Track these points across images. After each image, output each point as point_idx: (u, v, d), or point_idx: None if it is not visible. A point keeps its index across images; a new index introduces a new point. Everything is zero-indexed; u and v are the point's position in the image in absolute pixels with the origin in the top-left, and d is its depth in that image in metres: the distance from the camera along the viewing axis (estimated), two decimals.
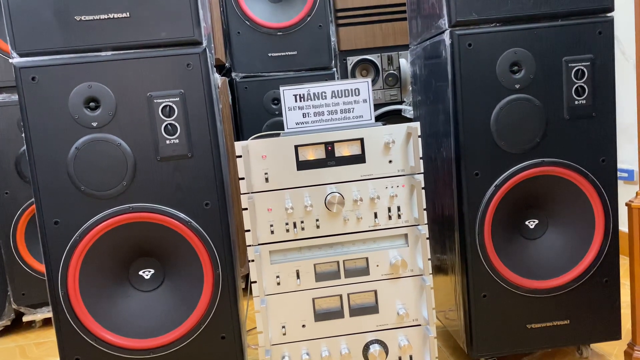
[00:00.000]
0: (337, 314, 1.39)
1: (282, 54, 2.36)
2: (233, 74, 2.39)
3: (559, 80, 1.45)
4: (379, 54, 2.58)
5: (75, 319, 1.33)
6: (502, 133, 1.45)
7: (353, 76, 2.58)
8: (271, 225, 1.36)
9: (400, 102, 2.62)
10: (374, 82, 2.59)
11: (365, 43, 2.57)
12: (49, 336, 2.21)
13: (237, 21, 2.34)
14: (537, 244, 1.54)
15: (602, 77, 1.46)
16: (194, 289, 1.37)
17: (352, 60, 2.57)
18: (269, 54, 2.36)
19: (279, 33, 2.35)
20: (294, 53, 2.36)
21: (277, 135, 1.41)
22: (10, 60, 1.29)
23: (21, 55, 1.28)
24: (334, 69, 2.41)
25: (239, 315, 1.41)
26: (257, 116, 2.39)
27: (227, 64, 2.41)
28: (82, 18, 1.28)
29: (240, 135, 2.42)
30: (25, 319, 2.26)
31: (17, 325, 2.33)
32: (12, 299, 2.22)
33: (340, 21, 2.54)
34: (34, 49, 1.28)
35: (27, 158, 1.30)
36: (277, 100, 2.38)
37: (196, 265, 1.35)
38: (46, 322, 2.33)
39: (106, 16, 1.29)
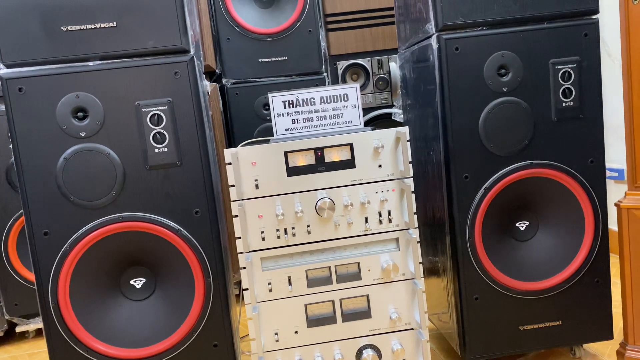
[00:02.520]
0: (329, 319, 1.39)
1: (272, 59, 2.36)
2: (223, 80, 2.38)
3: (546, 82, 1.46)
4: (369, 58, 2.58)
5: (66, 329, 1.32)
6: (490, 136, 1.45)
7: (344, 80, 2.59)
8: (262, 232, 1.36)
9: (392, 106, 2.62)
10: (364, 86, 2.60)
11: (355, 47, 2.57)
12: (43, 347, 2.19)
13: (226, 27, 2.34)
14: (528, 246, 1.54)
15: (589, 78, 1.47)
16: (185, 298, 1.36)
17: (342, 65, 2.58)
18: (259, 60, 2.36)
19: (268, 39, 2.35)
20: (284, 58, 2.36)
21: (267, 141, 1.41)
22: None
23: (8, 66, 1.28)
24: (325, 74, 2.41)
25: (231, 322, 1.41)
26: (248, 122, 2.38)
27: (217, 70, 2.41)
28: (69, 28, 1.28)
29: (231, 142, 2.41)
30: (18, 329, 2.25)
31: (11, 336, 2.31)
32: (4, 310, 2.21)
33: (330, 26, 2.55)
34: (21, 59, 1.28)
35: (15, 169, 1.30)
36: (268, 105, 2.38)
37: (187, 274, 1.35)
38: (39, 333, 2.31)
39: (93, 26, 1.29)
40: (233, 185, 1.34)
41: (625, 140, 1.50)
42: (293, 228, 1.37)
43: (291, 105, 1.44)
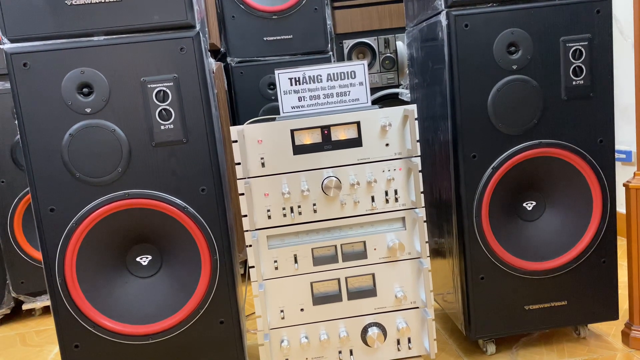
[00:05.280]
0: (335, 297, 1.40)
1: (278, 38, 2.33)
2: (228, 59, 2.36)
3: (557, 60, 1.44)
4: (376, 37, 2.55)
5: (73, 306, 1.33)
6: (499, 115, 1.44)
7: (350, 60, 2.56)
8: (268, 210, 1.36)
9: (398, 86, 2.60)
10: (370, 65, 2.57)
11: (361, 26, 2.54)
12: (49, 324, 2.21)
13: (231, 5, 2.31)
14: (534, 226, 1.54)
15: (600, 57, 1.45)
16: (192, 275, 1.36)
17: (348, 44, 2.55)
18: (264, 38, 2.33)
19: (274, 17, 2.32)
20: (289, 37, 2.33)
21: (273, 119, 1.40)
22: (1, 46, 1.27)
23: (12, 41, 1.27)
24: (330, 53, 2.38)
25: (238, 300, 1.42)
26: (253, 101, 2.37)
27: (222, 49, 2.38)
28: (74, 2, 1.26)
29: (236, 121, 2.40)
30: (25, 307, 2.27)
31: (17, 314, 2.33)
32: (11, 288, 2.22)
33: (336, 4, 2.52)
34: (25, 34, 1.26)
35: (21, 146, 1.29)
36: (273, 85, 2.36)
37: (194, 251, 1.35)
38: (46, 310, 2.33)
39: (98, 0, 1.27)
40: (239, 163, 1.33)
41: (636, 119, 1.48)
42: (299, 206, 1.36)
43: (298, 83, 1.42)
